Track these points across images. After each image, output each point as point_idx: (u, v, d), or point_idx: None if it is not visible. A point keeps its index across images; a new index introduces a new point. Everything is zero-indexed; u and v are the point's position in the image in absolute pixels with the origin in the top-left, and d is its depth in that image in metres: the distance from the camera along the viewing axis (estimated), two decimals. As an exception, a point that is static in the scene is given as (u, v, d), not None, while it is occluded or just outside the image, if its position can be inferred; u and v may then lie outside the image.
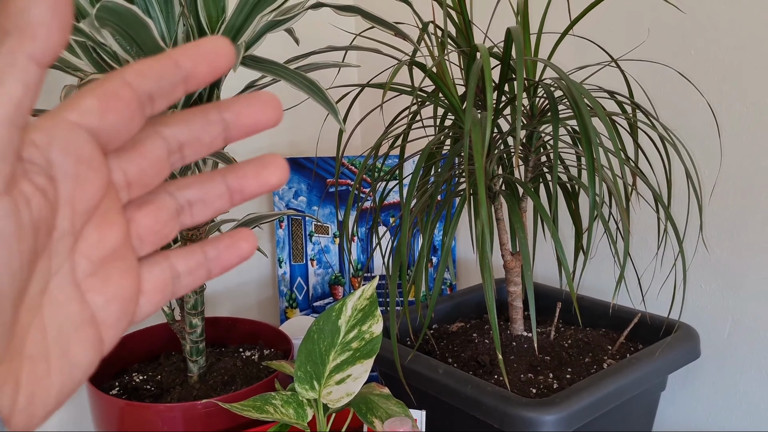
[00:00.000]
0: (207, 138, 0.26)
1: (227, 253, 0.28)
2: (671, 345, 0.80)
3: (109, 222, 0.25)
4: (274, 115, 0.26)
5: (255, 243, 0.29)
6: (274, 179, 0.27)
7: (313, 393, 0.67)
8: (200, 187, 0.27)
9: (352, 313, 0.69)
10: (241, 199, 0.28)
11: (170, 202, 0.27)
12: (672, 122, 0.93)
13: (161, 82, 0.24)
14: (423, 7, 0.84)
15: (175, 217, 0.27)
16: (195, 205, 0.27)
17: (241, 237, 0.28)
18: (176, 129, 0.26)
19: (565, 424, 0.67)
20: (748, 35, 0.84)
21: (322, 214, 1.27)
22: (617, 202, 0.67)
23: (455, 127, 0.82)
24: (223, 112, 0.26)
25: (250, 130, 0.26)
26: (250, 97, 0.26)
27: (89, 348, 0.25)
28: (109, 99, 0.23)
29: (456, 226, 0.75)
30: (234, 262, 0.28)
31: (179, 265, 0.27)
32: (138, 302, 0.26)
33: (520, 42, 0.66)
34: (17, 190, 0.22)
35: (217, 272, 0.28)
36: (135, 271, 0.26)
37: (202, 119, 0.26)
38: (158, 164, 0.26)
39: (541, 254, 1.12)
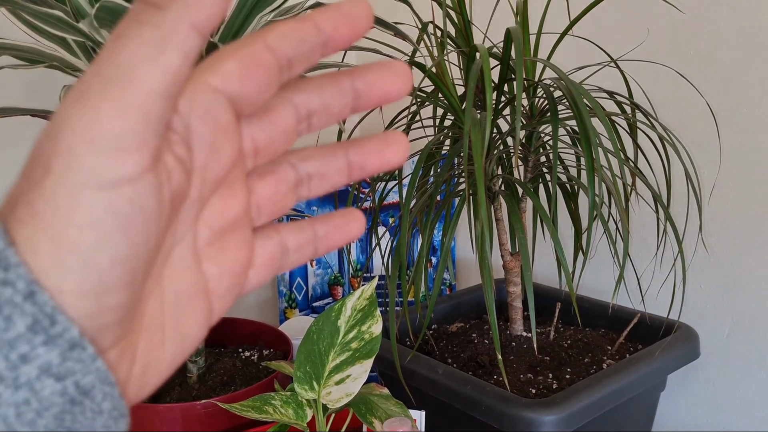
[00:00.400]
0: (336, 107, 0.25)
1: (336, 233, 0.28)
2: (671, 345, 0.80)
3: (234, 191, 0.24)
4: (405, 86, 0.25)
5: (364, 224, 0.28)
6: (396, 158, 0.27)
7: (312, 393, 0.67)
8: (322, 160, 0.26)
9: (352, 313, 0.69)
10: (360, 176, 0.27)
11: (291, 173, 0.26)
12: (672, 122, 0.93)
13: (302, 47, 0.23)
14: (422, 7, 0.84)
15: (294, 189, 0.26)
16: (314, 179, 0.26)
17: (352, 217, 0.28)
18: (307, 96, 0.25)
19: (565, 424, 0.67)
20: (748, 35, 0.84)
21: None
22: (617, 203, 0.67)
23: (455, 127, 0.82)
24: (355, 81, 0.25)
25: (380, 101, 0.25)
26: (383, 66, 0.25)
27: (201, 319, 0.25)
28: (250, 63, 0.22)
29: (455, 226, 0.75)
30: (342, 242, 0.28)
31: (289, 241, 0.27)
32: (247, 275, 0.26)
33: (520, 42, 0.66)
34: (161, 164, 0.21)
35: (323, 251, 0.28)
36: (250, 242, 0.25)
37: (334, 87, 0.25)
38: (287, 132, 0.25)
39: (540, 254, 1.12)
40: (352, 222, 0.28)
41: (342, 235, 0.28)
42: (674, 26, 0.91)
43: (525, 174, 0.83)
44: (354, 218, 0.28)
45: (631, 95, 0.81)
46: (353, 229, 0.28)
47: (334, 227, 0.27)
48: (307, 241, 0.27)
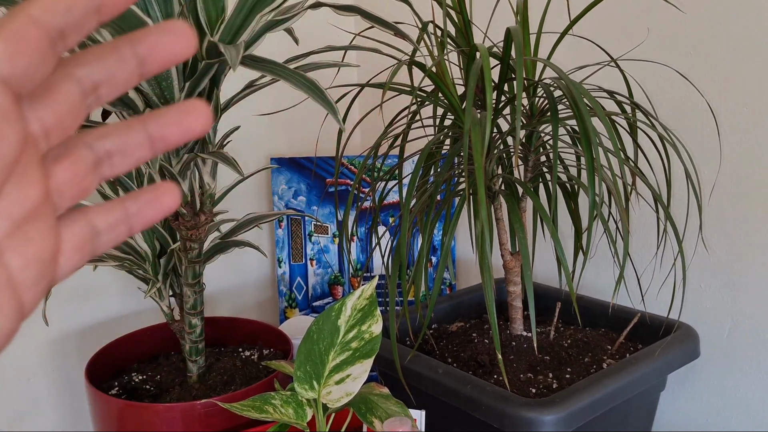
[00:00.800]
0: (122, 75, 0.25)
1: (149, 208, 0.27)
2: (671, 345, 0.80)
3: (30, 178, 0.23)
4: (188, 43, 0.25)
5: (178, 197, 0.27)
6: (198, 126, 0.26)
7: (312, 393, 0.67)
8: (119, 137, 0.26)
9: (352, 312, 0.69)
10: (164, 148, 0.26)
11: (88, 153, 0.25)
12: (672, 122, 0.93)
13: (71, 15, 0.22)
14: (422, 6, 0.84)
15: (93, 169, 0.26)
16: (114, 156, 0.26)
17: (164, 190, 0.27)
18: (89, 69, 0.24)
19: (565, 424, 0.67)
20: (748, 35, 0.84)
21: (322, 214, 1.27)
22: (617, 202, 0.67)
23: (455, 126, 0.82)
24: (135, 46, 0.24)
25: (166, 63, 0.25)
26: (161, 28, 0.25)
27: (9, 313, 0.23)
28: (17, 41, 0.21)
29: (455, 225, 0.75)
30: (156, 217, 0.27)
31: (98, 222, 0.26)
32: (58, 262, 0.25)
33: (520, 42, 0.66)
34: None
35: (139, 227, 0.27)
36: (54, 229, 0.25)
37: (115, 56, 0.24)
38: (74, 108, 0.24)
39: (540, 254, 1.12)
40: (164, 195, 0.27)
41: (155, 209, 0.27)
42: (674, 26, 0.91)
43: (525, 173, 0.83)
44: (166, 191, 0.27)
45: (631, 95, 0.81)
46: (166, 202, 0.27)
47: (146, 202, 0.27)
48: (119, 221, 0.27)
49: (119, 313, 1.14)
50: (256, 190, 1.30)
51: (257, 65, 0.69)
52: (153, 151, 0.26)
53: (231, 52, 0.62)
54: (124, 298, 1.14)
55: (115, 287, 1.13)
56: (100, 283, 1.11)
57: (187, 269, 0.85)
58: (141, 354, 1.02)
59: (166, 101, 0.73)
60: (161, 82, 0.70)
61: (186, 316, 0.88)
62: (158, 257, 0.92)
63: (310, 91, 0.68)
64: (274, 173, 1.26)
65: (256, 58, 0.70)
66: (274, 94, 1.26)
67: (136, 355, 1.01)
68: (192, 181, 0.81)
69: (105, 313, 1.13)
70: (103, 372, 0.96)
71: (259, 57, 0.70)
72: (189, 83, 0.71)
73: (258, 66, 0.69)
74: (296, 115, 1.33)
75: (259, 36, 0.74)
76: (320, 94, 0.68)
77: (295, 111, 1.32)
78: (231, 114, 1.14)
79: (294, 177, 1.26)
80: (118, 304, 1.14)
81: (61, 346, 1.09)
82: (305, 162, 1.26)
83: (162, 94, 0.72)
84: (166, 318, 0.92)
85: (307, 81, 0.69)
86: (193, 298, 0.87)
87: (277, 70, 0.69)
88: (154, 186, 0.27)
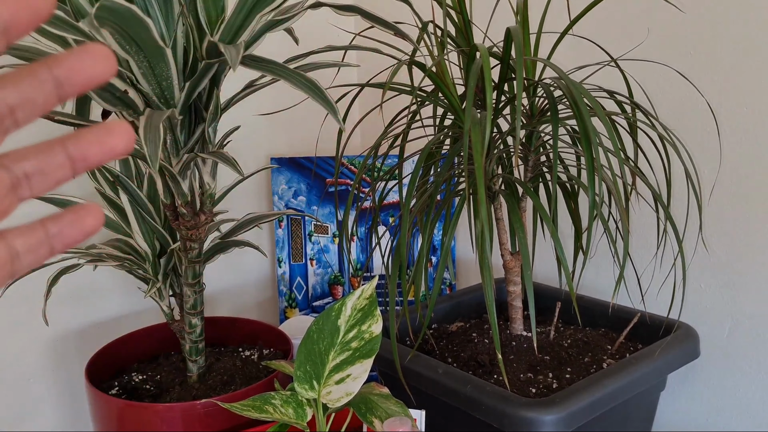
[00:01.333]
0: (40, 98, 0.25)
1: (71, 229, 0.27)
2: (671, 345, 0.80)
3: None
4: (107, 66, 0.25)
5: (101, 218, 0.27)
6: (120, 146, 0.26)
7: (312, 393, 0.67)
8: (38, 158, 0.26)
9: (352, 312, 0.69)
10: (84, 168, 0.26)
11: (5, 175, 0.25)
12: (672, 122, 0.93)
13: None
14: (423, 6, 0.84)
15: (12, 191, 0.25)
16: (33, 177, 0.26)
17: (86, 212, 0.27)
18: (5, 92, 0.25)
19: (565, 424, 0.67)
20: (748, 35, 0.84)
21: (322, 214, 1.27)
22: (617, 202, 0.67)
23: (455, 126, 0.82)
24: (53, 69, 0.25)
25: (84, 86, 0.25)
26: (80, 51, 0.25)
27: None
28: None
29: (455, 225, 0.75)
30: (78, 238, 0.27)
31: (17, 244, 0.26)
32: None
33: (520, 41, 0.66)
34: None
35: (60, 248, 0.27)
36: None
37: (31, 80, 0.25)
38: None
39: (540, 254, 1.12)
40: (87, 216, 0.27)
41: (76, 230, 0.27)
42: (674, 26, 0.91)
43: (525, 173, 0.83)
44: (88, 212, 0.27)
45: (631, 95, 0.81)
46: (88, 224, 0.27)
47: (67, 223, 0.27)
48: (39, 242, 0.26)
49: (119, 313, 1.14)
50: (256, 190, 1.30)
51: (257, 65, 0.69)
52: (74, 171, 0.26)
53: (231, 52, 0.62)
54: (124, 298, 1.14)
55: (115, 287, 1.13)
56: (100, 283, 1.11)
57: (187, 269, 0.85)
58: (141, 354, 1.02)
59: (166, 101, 0.73)
60: (161, 82, 0.70)
61: (186, 316, 0.88)
62: (158, 257, 0.92)
63: (310, 91, 0.68)
64: (274, 173, 1.26)
65: (256, 58, 0.70)
66: (274, 94, 1.26)
67: (136, 355, 1.01)
68: (192, 181, 0.81)
69: (105, 313, 1.13)
70: (103, 372, 0.96)
71: (259, 57, 0.70)
72: (189, 83, 0.71)
73: (258, 66, 0.69)
74: (296, 115, 1.33)
75: (259, 36, 0.74)
76: (320, 94, 0.68)
77: (295, 111, 1.32)
78: (231, 114, 1.14)
79: (294, 177, 1.26)
80: (118, 304, 1.14)
81: (61, 346, 1.09)
82: (305, 162, 1.26)
83: (162, 93, 0.72)
84: (166, 318, 0.92)
85: (307, 81, 0.69)
86: (193, 298, 0.87)
87: (277, 69, 0.69)
88: (76, 207, 0.27)
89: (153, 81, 0.70)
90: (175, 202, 0.81)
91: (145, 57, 0.67)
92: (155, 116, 0.65)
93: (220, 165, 0.92)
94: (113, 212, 0.92)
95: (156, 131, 0.63)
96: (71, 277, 1.06)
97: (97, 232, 0.27)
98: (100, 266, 1.05)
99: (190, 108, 0.76)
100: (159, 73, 0.69)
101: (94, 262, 0.86)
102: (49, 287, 0.86)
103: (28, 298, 1.03)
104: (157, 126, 0.63)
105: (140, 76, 0.69)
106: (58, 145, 0.26)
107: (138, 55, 0.66)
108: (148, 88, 0.71)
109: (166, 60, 0.68)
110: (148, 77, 0.70)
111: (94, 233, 0.27)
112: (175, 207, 0.82)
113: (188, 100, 0.73)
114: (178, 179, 0.78)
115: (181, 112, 0.73)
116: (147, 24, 0.61)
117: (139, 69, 0.68)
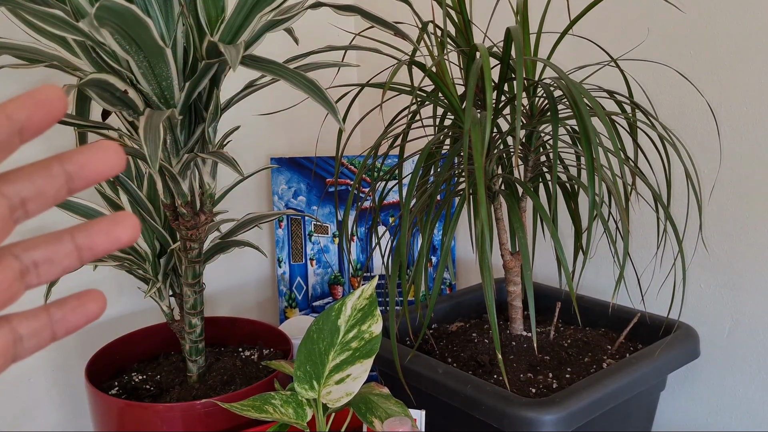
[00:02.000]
0: (51, 192, 0.26)
1: (73, 315, 0.28)
2: (671, 345, 0.80)
3: None
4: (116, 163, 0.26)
5: (103, 304, 0.28)
6: (125, 237, 0.27)
7: (312, 393, 0.67)
8: (47, 248, 0.27)
9: (352, 312, 0.69)
10: (91, 257, 0.27)
11: (15, 263, 0.26)
12: (672, 122, 0.93)
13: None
14: (422, 6, 0.84)
15: (20, 278, 0.26)
16: (41, 266, 0.27)
17: (89, 298, 0.28)
18: (18, 186, 0.25)
19: (565, 423, 0.67)
20: (748, 35, 0.84)
21: (322, 214, 1.27)
22: (617, 202, 0.67)
23: (455, 126, 0.82)
24: (65, 164, 0.26)
25: (93, 180, 0.26)
26: (92, 148, 0.26)
27: None
28: None
29: (455, 225, 0.75)
30: (81, 324, 0.28)
31: (21, 328, 0.27)
32: None
33: (520, 41, 0.66)
34: None
35: (63, 334, 0.28)
36: None
37: (44, 173, 0.26)
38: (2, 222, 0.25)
39: (540, 254, 1.12)
40: (89, 303, 0.28)
41: (79, 316, 0.28)
42: (674, 26, 0.91)
43: (525, 173, 0.83)
44: (90, 299, 0.28)
45: (631, 95, 0.81)
46: (91, 309, 0.28)
47: (70, 309, 0.28)
48: (43, 327, 0.27)
49: (119, 313, 1.14)
50: (256, 190, 1.30)
51: (257, 65, 0.69)
52: (80, 260, 0.27)
53: (231, 52, 0.62)
54: (124, 298, 1.14)
55: (115, 287, 1.13)
56: (100, 283, 1.11)
57: (187, 269, 0.85)
58: (141, 354, 1.02)
59: (166, 101, 0.73)
60: (161, 82, 0.70)
61: (186, 316, 0.88)
62: (158, 257, 0.92)
63: (310, 91, 0.68)
64: (274, 173, 1.26)
65: (256, 58, 0.70)
66: (274, 94, 1.26)
67: (136, 355, 1.01)
68: (192, 181, 0.81)
69: (105, 313, 1.13)
70: (103, 372, 0.96)
71: (259, 57, 0.70)
72: (189, 83, 0.71)
73: (258, 66, 0.69)
74: (296, 115, 1.33)
75: (259, 36, 0.74)
76: (320, 94, 0.68)
77: (295, 111, 1.32)
78: (231, 114, 1.14)
79: (294, 177, 1.26)
80: (118, 304, 1.14)
81: (61, 346, 1.09)
82: (305, 162, 1.26)
83: (162, 93, 0.72)
84: (166, 318, 0.92)
85: (307, 81, 0.69)
86: (193, 298, 0.87)
87: (277, 69, 0.69)
88: (79, 293, 0.28)
89: (153, 81, 0.70)
90: (175, 202, 0.82)
91: (145, 57, 0.67)
92: (155, 116, 0.65)
93: (220, 165, 0.92)
94: (113, 212, 0.92)
95: (156, 131, 0.63)
96: (71, 277, 1.06)
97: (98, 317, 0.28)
98: (100, 266, 1.05)
99: (190, 108, 0.76)
100: (159, 73, 0.69)
101: (93, 262, 0.86)
102: (49, 287, 0.86)
103: (28, 298, 1.03)
104: (157, 126, 0.63)
105: (140, 76, 0.69)
106: (66, 236, 0.27)
107: (138, 55, 0.66)
108: (148, 88, 0.71)
109: (166, 60, 0.68)
110: (148, 77, 0.70)
111: (96, 318, 0.28)
112: (175, 207, 0.82)
113: (188, 100, 0.73)
114: (178, 179, 0.78)
115: (181, 112, 0.73)
116: (147, 24, 0.61)
117: (139, 69, 0.68)
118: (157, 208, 0.92)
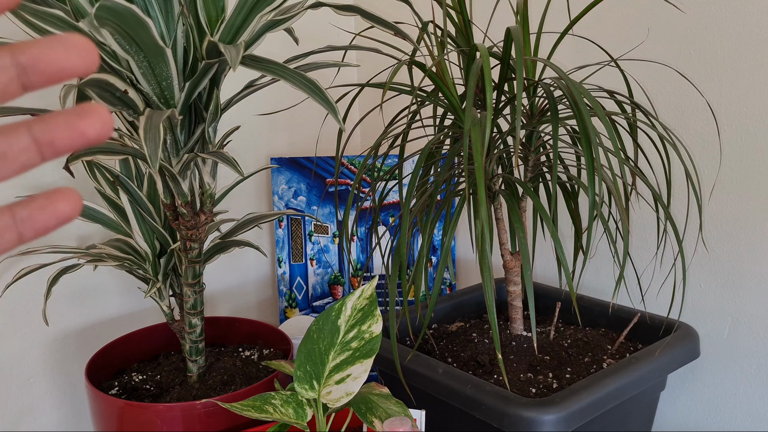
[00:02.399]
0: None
1: (41, 214, 0.24)
2: (671, 345, 0.80)
3: None
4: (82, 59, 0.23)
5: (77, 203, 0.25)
6: (92, 131, 0.24)
7: (312, 393, 0.67)
8: None
9: (352, 312, 0.69)
10: (53, 154, 0.24)
11: None
12: (672, 122, 0.93)
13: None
14: (423, 6, 0.84)
15: None
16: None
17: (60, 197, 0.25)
18: None
19: (565, 423, 0.67)
20: (748, 35, 0.84)
21: (322, 214, 1.27)
22: (617, 202, 0.67)
23: (455, 126, 0.82)
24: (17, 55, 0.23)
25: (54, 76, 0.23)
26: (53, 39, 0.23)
27: None
28: None
29: (455, 225, 0.75)
30: (50, 224, 0.25)
31: None
32: None
33: (520, 41, 0.66)
34: None
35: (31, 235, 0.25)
36: None
37: None
38: None
39: (540, 254, 1.12)
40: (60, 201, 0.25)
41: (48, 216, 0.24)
42: (674, 26, 0.91)
43: (525, 173, 0.83)
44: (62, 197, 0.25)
45: (631, 94, 0.81)
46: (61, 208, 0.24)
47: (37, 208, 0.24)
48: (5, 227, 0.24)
49: (119, 313, 1.14)
50: (256, 190, 1.30)
51: (257, 65, 0.69)
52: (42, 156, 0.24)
53: (231, 52, 0.62)
54: (124, 298, 1.14)
55: (115, 287, 1.13)
56: (100, 283, 1.11)
57: (187, 269, 0.85)
58: (141, 354, 1.02)
59: (166, 101, 0.73)
60: (161, 82, 0.70)
61: (186, 316, 0.88)
62: (158, 257, 0.92)
63: (310, 90, 0.68)
64: (274, 173, 1.26)
65: (256, 58, 0.70)
66: (274, 94, 1.26)
67: (136, 355, 1.01)
68: (192, 181, 0.81)
69: (105, 313, 1.13)
70: (103, 372, 0.96)
71: (259, 57, 0.70)
72: (189, 83, 0.71)
73: (258, 66, 0.69)
74: (296, 115, 1.33)
75: (259, 36, 0.74)
76: (320, 94, 0.68)
77: (295, 111, 1.32)
78: (231, 114, 1.14)
79: (294, 177, 1.26)
80: (118, 304, 1.14)
81: (61, 346, 1.09)
82: (305, 162, 1.26)
83: (162, 93, 0.72)
84: (166, 318, 0.92)
85: (307, 81, 0.69)
86: (193, 298, 0.87)
87: (277, 70, 0.69)
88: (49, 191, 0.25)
89: (153, 81, 0.70)
90: (175, 202, 0.82)
91: (145, 57, 0.67)
92: (155, 116, 0.65)
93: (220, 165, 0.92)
94: (113, 212, 0.92)
95: (156, 131, 0.63)
96: (71, 277, 1.06)
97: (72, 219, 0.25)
98: (100, 266, 1.05)
99: (190, 108, 0.76)
100: (159, 73, 0.69)
101: (94, 262, 0.86)
102: (49, 287, 0.86)
103: (28, 298, 1.03)
104: (157, 126, 0.63)
105: (140, 76, 0.69)
106: (22, 128, 0.24)
107: (138, 55, 0.66)
108: (148, 88, 0.71)
109: (166, 60, 0.68)
110: (148, 77, 0.70)
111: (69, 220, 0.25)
112: (175, 207, 0.82)
113: (188, 100, 0.73)
114: (178, 179, 0.78)
115: (181, 112, 0.73)
116: (147, 24, 0.61)
117: (139, 69, 0.68)
118: (157, 208, 0.92)
